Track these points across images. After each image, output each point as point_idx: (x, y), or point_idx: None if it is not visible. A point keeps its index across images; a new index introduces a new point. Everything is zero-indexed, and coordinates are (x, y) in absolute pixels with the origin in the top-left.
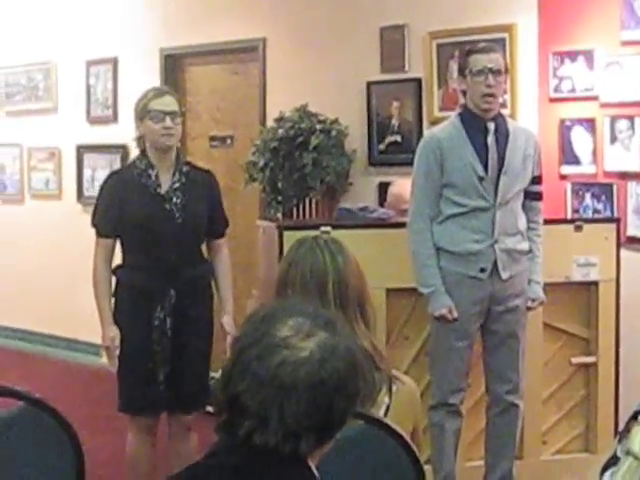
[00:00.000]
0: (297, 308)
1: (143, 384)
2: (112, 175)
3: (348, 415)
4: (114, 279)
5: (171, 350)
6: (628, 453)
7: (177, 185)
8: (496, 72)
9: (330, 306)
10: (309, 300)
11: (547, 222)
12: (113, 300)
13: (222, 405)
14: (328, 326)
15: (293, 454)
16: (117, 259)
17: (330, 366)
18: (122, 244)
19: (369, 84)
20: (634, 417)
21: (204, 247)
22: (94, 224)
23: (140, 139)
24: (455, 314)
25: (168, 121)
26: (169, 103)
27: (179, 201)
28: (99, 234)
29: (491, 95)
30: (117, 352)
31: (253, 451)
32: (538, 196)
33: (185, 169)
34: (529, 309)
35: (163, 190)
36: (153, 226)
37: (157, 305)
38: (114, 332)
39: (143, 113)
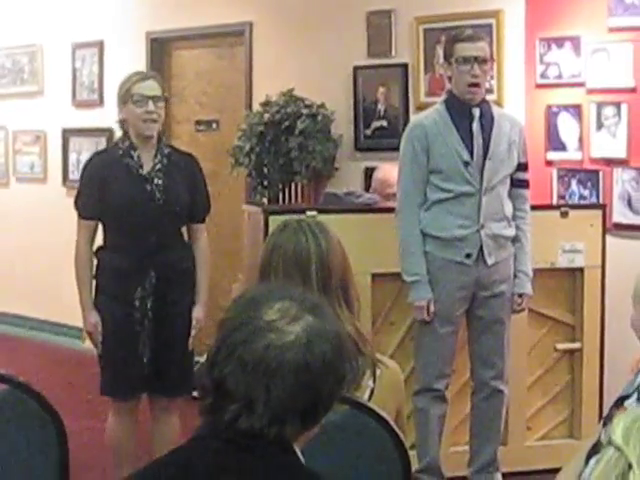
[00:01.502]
0: (283, 292)
1: (125, 366)
2: (95, 156)
3: (334, 399)
4: (95, 260)
5: (153, 332)
6: (609, 442)
7: (159, 166)
8: (482, 61)
9: (313, 290)
10: (292, 284)
11: (533, 208)
12: (94, 282)
13: (207, 389)
14: (314, 310)
15: (278, 438)
16: (98, 241)
17: (316, 350)
18: (103, 225)
19: (355, 69)
20: (617, 403)
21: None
22: (76, 206)
23: (123, 122)
24: (432, 308)
25: (151, 105)
26: (152, 87)
27: (160, 182)
28: (81, 216)
29: (476, 85)
30: (100, 338)
31: (238, 435)
32: (525, 184)
33: (167, 151)
34: (517, 311)
35: (145, 171)
36: (134, 207)
37: (137, 286)
38: (95, 318)
39: (126, 97)
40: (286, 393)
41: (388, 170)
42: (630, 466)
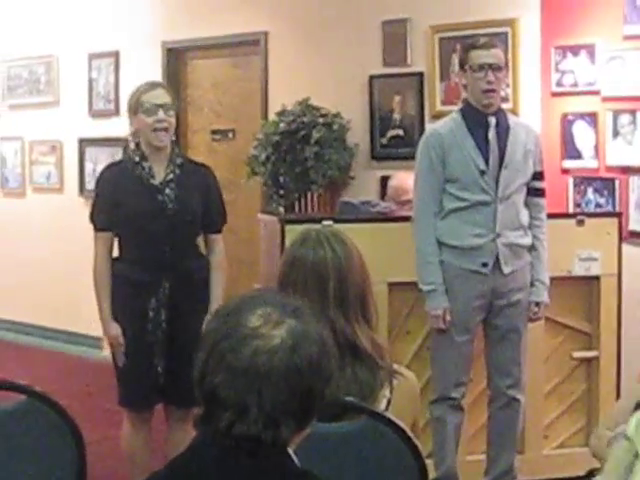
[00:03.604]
0: (264, 298)
1: (140, 377)
2: (107, 168)
3: (324, 398)
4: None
5: (167, 343)
6: (623, 436)
7: (171, 177)
8: (496, 68)
9: (330, 307)
10: (309, 298)
11: (549, 216)
12: None
13: (199, 400)
14: (296, 313)
15: (274, 442)
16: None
17: (303, 352)
18: (118, 237)
19: (371, 78)
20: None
21: (201, 241)
22: (92, 219)
23: (135, 133)
24: (448, 317)
25: (161, 114)
26: (161, 96)
27: (172, 193)
28: (96, 228)
29: (491, 91)
30: (122, 349)
31: (233, 442)
32: (541, 192)
33: (179, 161)
34: (534, 320)
35: (156, 181)
36: (145, 217)
37: (151, 297)
38: (117, 330)
39: (136, 107)
40: (278, 396)
41: (403, 177)
42: (637, 456)
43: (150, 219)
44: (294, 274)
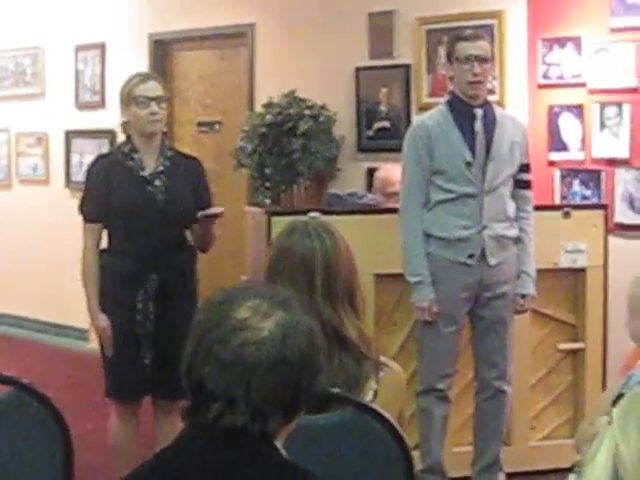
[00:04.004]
0: (253, 290)
1: (128, 369)
2: (98, 159)
3: (312, 391)
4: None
5: (155, 335)
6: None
7: (161, 168)
8: (482, 60)
9: (317, 296)
10: (297, 288)
11: (535, 208)
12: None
13: (187, 391)
14: (285, 305)
15: (261, 434)
16: (102, 244)
17: (292, 343)
18: (107, 228)
19: (357, 70)
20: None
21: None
22: (81, 210)
23: (125, 125)
24: (435, 309)
25: (154, 106)
26: (154, 88)
27: (162, 184)
28: (86, 219)
29: (478, 82)
30: (110, 341)
31: (221, 434)
32: (527, 184)
33: (169, 154)
34: (520, 312)
35: (146, 173)
36: (135, 209)
37: (140, 289)
38: (105, 322)
39: (128, 99)
40: (266, 388)
41: (390, 169)
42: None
43: (140, 210)
44: (281, 264)
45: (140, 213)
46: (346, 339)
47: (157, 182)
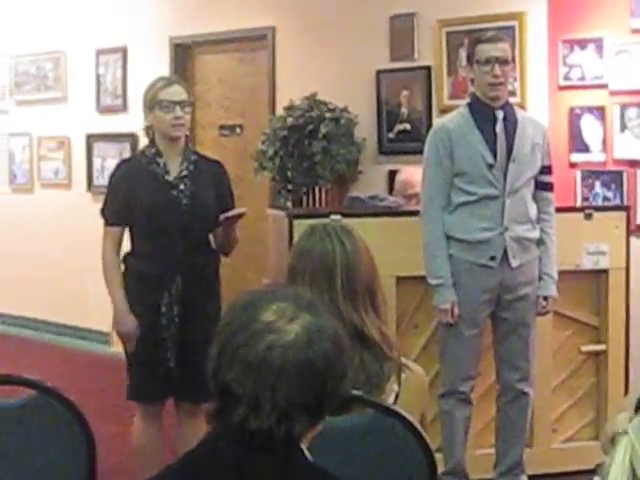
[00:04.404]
0: (278, 293)
1: (152, 371)
2: (121, 164)
3: (338, 394)
4: (122, 266)
5: (179, 337)
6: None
7: (185, 173)
8: (503, 61)
9: (338, 296)
10: (318, 289)
11: (557, 210)
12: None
13: (212, 394)
14: (310, 308)
15: (287, 437)
16: (126, 247)
17: (318, 347)
18: (130, 231)
19: (378, 72)
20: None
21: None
22: (103, 213)
23: (149, 128)
24: (456, 311)
25: (178, 110)
26: (178, 92)
27: (186, 188)
28: (107, 223)
29: (499, 84)
30: (134, 342)
31: (246, 436)
32: (549, 186)
33: (194, 158)
34: (542, 314)
35: (171, 177)
36: (160, 213)
37: (164, 292)
38: (133, 322)
39: (152, 103)
40: (291, 391)
41: (410, 172)
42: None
43: (164, 214)
44: (302, 266)
45: (165, 217)
46: (367, 338)
47: (181, 186)
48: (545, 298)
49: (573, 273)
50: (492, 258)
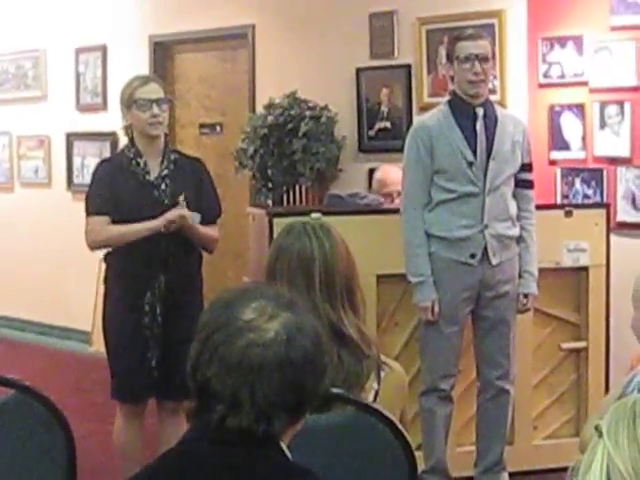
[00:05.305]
0: (258, 291)
1: (134, 371)
2: (103, 162)
3: (318, 392)
4: (104, 265)
5: (162, 336)
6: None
7: (165, 172)
8: (482, 59)
9: (316, 294)
10: (296, 287)
11: (537, 207)
12: (103, 286)
13: (192, 392)
14: (290, 306)
15: (266, 435)
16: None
17: (297, 345)
18: None
19: (358, 70)
20: None
21: None
22: (87, 206)
23: (128, 128)
24: (437, 308)
25: (155, 109)
26: (155, 90)
27: (167, 188)
28: (94, 212)
29: (479, 81)
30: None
31: (226, 435)
32: (529, 184)
33: (173, 157)
34: (523, 311)
35: (152, 177)
36: (142, 213)
37: (147, 291)
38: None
39: (129, 102)
40: (271, 390)
41: (386, 170)
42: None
43: (146, 214)
44: (280, 263)
45: (147, 216)
46: (345, 336)
47: (162, 186)
48: (525, 296)
49: (553, 270)
50: (472, 256)
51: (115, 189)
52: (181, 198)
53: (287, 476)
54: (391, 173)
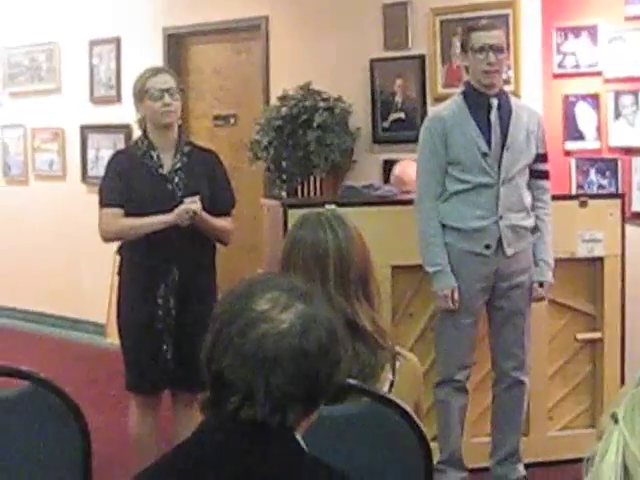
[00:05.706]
0: (272, 282)
1: (149, 363)
2: (117, 154)
3: (332, 383)
4: (118, 258)
5: (176, 329)
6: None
7: (179, 165)
8: (497, 49)
9: (330, 285)
10: (310, 278)
11: (552, 198)
12: (117, 278)
13: (206, 383)
14: (304, 297)
15: (281, 426)
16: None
17: (312, 335)
18: None
19: (372, 61)
20: None
21: None
22: (101, 197)
23: (141, 121)
24: (457, 296)
25: (167, 98)
26: (165, 80)
27: (181, 181)
28: (107, 204)
29: (493, 71)
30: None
31: (240, 426)
32: (544, 174)
33: (187, 149)
34: (538, 299)
35: (165, 170)
36: (155, 206)
37: (161, 283)
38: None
39: (141, 94)
40: (285, 380)
41: (405, 167)
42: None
43: (160, 207)
44: (294, 255)
45: (160, 209)
46: (359, 328)
47: (176, 179)
48: (541, 284)
49: (568, 261)
50: (487, 246)
51: (129, 181)
52: (194, 199)
53: (303, 467)
54: (408, 169)
